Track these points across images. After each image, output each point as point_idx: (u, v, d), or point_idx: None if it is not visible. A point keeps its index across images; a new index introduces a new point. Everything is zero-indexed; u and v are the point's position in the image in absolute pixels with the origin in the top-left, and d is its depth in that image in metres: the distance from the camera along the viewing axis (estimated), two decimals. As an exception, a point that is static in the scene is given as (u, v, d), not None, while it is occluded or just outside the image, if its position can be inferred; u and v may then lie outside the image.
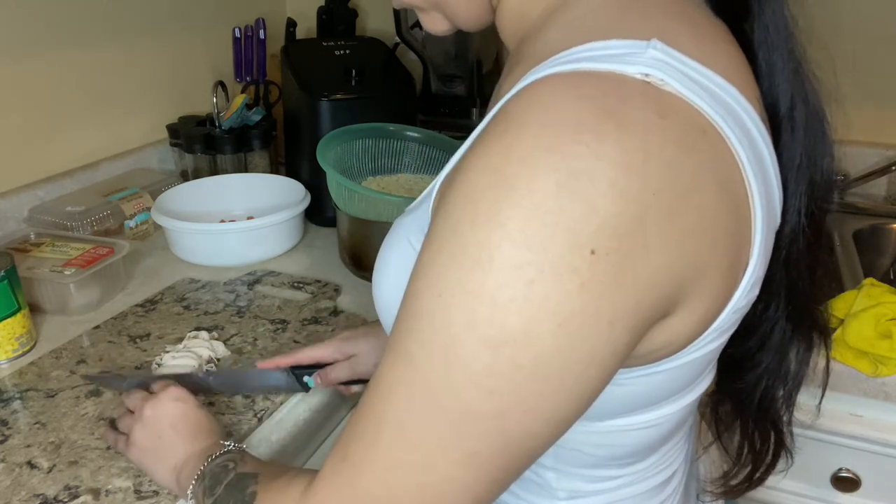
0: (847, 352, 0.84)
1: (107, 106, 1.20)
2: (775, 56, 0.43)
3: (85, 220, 1.04)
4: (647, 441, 0.48)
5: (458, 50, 1.38)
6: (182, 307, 0.92)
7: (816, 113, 0.46)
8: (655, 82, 0.33)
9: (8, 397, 0.74)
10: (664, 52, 0.34)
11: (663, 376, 0.41)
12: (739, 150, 0.35)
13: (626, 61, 0.33)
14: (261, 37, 1.30)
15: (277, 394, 0.74)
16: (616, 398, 0.42)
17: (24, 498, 0.61)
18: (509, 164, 0.31)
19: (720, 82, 0.36)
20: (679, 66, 0.34)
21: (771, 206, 0.41)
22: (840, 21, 1.23)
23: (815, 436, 0.89)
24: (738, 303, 0.39)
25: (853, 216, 1.25)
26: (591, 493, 0.50)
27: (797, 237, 0.45)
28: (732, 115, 0.36)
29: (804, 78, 0.45)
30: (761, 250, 0.39)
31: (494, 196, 0.31)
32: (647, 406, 0.45)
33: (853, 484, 0.90)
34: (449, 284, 0.33)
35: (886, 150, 1.27)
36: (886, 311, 0.83)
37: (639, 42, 0.34)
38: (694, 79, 0.34)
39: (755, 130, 0.38)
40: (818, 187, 0.46)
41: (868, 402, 0.86)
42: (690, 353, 0.40)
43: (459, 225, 0.32)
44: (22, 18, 1.03)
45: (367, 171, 1.11)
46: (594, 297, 0.31)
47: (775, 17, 0.43)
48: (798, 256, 0.46)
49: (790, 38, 0.44)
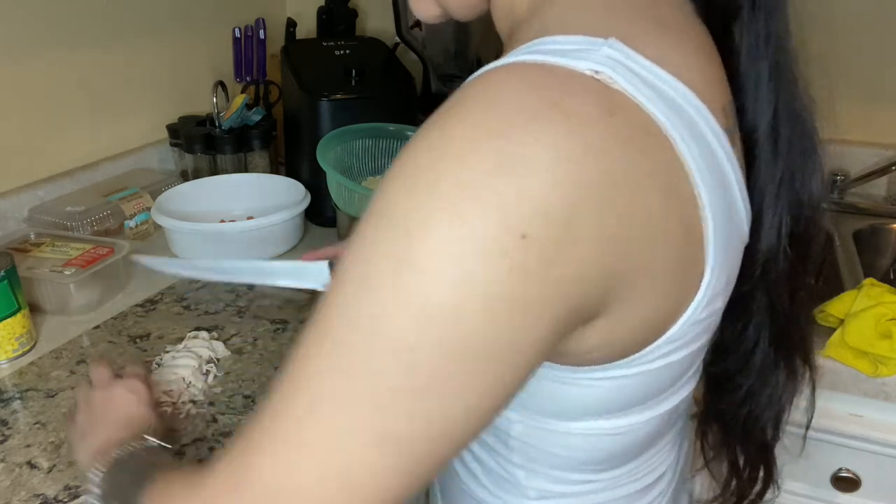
0: (847, 352, 0.84)
1: (107, 106, 1.20)
2: (760, 66, 0.42)
3: (85, 220, 1.04)
4: (620, 448, 0.47)
5: (457, 49, 1.38)
6: (182, 307, 0.92)
7: (804, 130, 0.45)
8: (605, 80, 0.33)
9: (8, 397, 0.74)
10: (619, 52, 0.34)
11: (622, 382, 0.41)
12: (688, 156, 0.35)
13: (579, 57, 0.33)
14: (261, 37, 1.30)
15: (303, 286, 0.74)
16: (575, 400, 0.42)
17: (24, 498, 0.61)
18: (451, 142, 0.31)
19: (679, 87, 0.36)
20: (633, 66, 0.34)
21: (732, 218, 0.40)
22: (840, 21, 1.23)
23: (815, 436, 0.89)
24: (696, 315, 0.39)
25: (853, 216, 1.25)
26: (562, 494, 0.50)
27: (775, 257, 0.44)
28: (685, 121, 0.35)
29: (792, 93, 0.44)
30: (720, 263, 0.38)
31: (433, 171, 0.31)
32: (611, 412, 0.44)
33: (853, 484, 0.90)
34: (377, 252, 0.32)
35: (886, 150, 1.27)
36: (886, 311, 0.83)
37: (597, 39, 0.34)
38: (647, 80, 0.34)
39: (714, 140, 0.37)
40: (805, 207, 0.45)
41: (868, 402, 0.86)
42: (648, 362, 0.40)
43: (396, 196, 0.32)
44: (22, 18, 1.03)
45: (367, 171, 1.11)
46: (522, 282, 0.31)
47: (767, 25, 0.42)
48: (777, 277, 0.45)
49: (780, 51, 0.43)
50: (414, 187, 0.31)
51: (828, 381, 0.85)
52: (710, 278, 0.38)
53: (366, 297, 0.32)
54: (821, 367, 0.85)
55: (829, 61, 0.47)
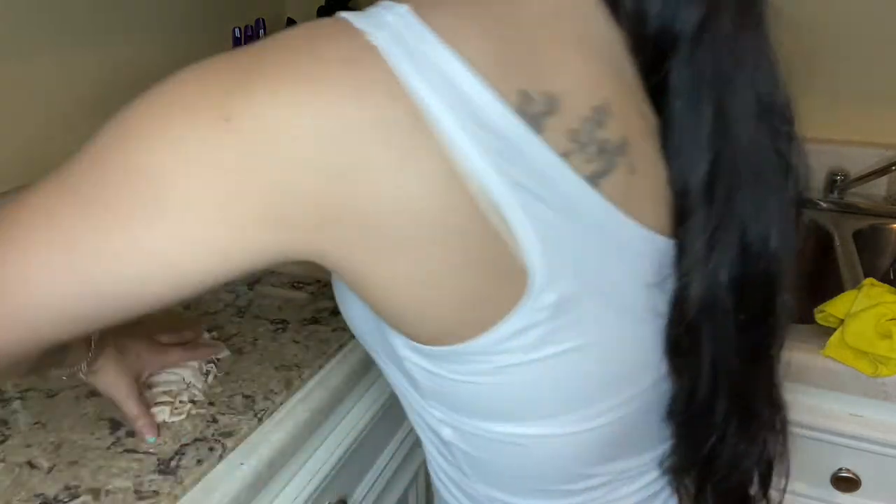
0: (847, 352, 0.84)
1: (108, 106, 1.19)
2: (700, 111, 0.39)
3: (85, 220, 1.04)
4: (527, 462, 0.48)
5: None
6: (182, 307, 0.92)
7: (758, 176, 0.41)
8: (368, 37, 0.34)
9: (8, 397, 0.74)
10: (401, 17, 0.35)
11: (487, 378, 0.42)
12: (450, 128, 0.34)
13: (369, 15, 0.36)
14: (261, 37, 1.30)
15: None
16: (459, 394, 0.44)
17: (24, 498, 0.61)
18: (213, 59, 0.37)
19: (456, 65, 0.35)
20: (406, 33, 0.35)
21: (571, 212, 0.38)
22: (839, 21, 1.23)
23: (815, 436, 0.89)
24: (531, 303, 0.38)
25: (853, 216, 1.25)
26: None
27: (711, 307, 0.42)
28: (454, 95, 0.35)
29: (740, 136, 0.40)
30: (549, 253, 0.38)
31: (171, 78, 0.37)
32: (488, 415, 0.45)
33: (853, 484, 0.90)
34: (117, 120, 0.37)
35: (886, 150, 1.27)
36: (886, 311, 0.83)
37: (394, 4, 0.36)
38: (414, 49, 0.34)
39: (506, 125, 0.36)
40: (757, 259, 0.42)
41: (868, 402, 0.86)
42: (491, 357, 0.41)
43: (152, 88, 0.38)
44: (22, 19, 1.03)
45: (367, 171, 1.11)
46: (216, 151, 0.33)
47: (714, 63, 0.39)
48: (719, 331, 0.43)
49: (727, 90, 0.40)
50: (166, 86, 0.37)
51: (828, 381, 0.85)
52: (535, 262, 0.37)
53: (88, 149, 0.37)
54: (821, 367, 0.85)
55: (829, 62, 0.47)
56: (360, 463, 0.88)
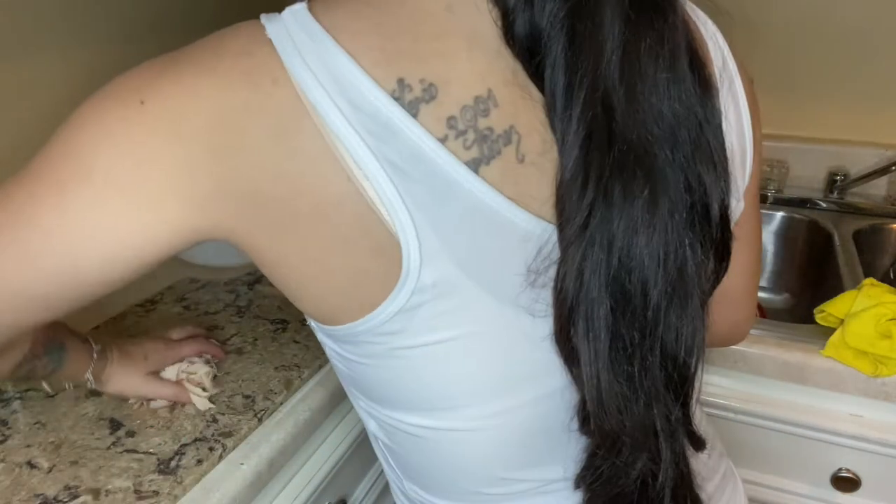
0: (847, 352, 0.84)
1: (107, 106, 1.20)
2: (572, 118, 0.39)
3: (85, 220, 1.04)
4: (440, 458, 0.50)
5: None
6: (182, 307, 0.92)
7: (629, 193, 0.39)
8: (268, 32, 0.39)
9: (8, 397, 0.74)
10: (294, 15, 0.40)
11: (374, 361, 0.46)
12: (342, 123, 0.38)
13: (273, 15, 0.41)
14: (261, 37, 1.30)
15: None
16: (355, 376, 0.49)
17: (24, 498, 0.61)
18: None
19: (342, 58, 0.38)
20: (294, 28, 0.39)
21: (449, 195, 0.39)
22: (840, 22, 1.23)
23: (815, 436, 0.89)
24: (411, 282, 0.41)
25: (853, 216, 1.25)
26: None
27: (583, 303, 0.41)
28: (339, 84, 0.38)
29: (614, 155, 0.39)
30: (432, 250, 0.40)
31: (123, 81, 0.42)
32: (396, 404, 0.48)
33: (853, 484, 0.90)
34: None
35: (886, 150, 1.27)
36: (886, 311, 0.83)
37: (297, 5, 0.40)
38: (300, 43, 0.39)
39: (386, 111, 0.38)
40: (629, 272, 0.40)
41: (868, 402, 0.86)
42: (382, 338, 0.43)
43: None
44: (22, 19, 1.03)
45: (367, 171, 1.11)
46: (129, 134, 0.39)
47: (593, 69, 0.38)
48: (593, 334, 0.41)
49: (603, 104, 0.38)
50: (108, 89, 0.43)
51: (828, 381, 0.85)
52: (409, 240, 0.40)
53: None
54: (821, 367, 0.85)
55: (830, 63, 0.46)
56: (360, 463, 0.88)
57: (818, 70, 1.28)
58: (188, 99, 0.38)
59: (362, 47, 0.39)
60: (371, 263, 0.41)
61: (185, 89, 0.39)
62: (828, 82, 1.28)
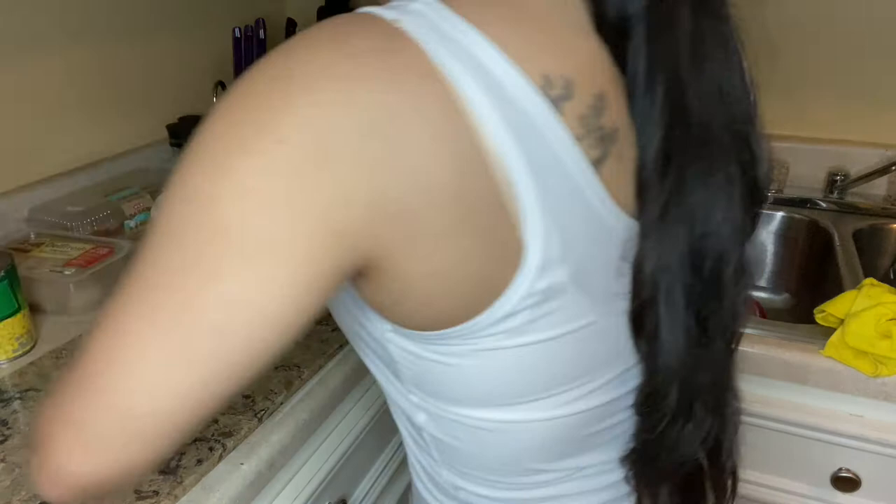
0: (847, 352, 0.84)
1: (107, 106, 1.20)
2: (653, 91, 0.40)
3: (85, 220, 1.04)
4: (493, 449, 0.49)
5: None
6: (182, 307, 0.92)
7: (707, 162, 0.41)
8: (401, 26, 0.35)
9: (8, 397, 0.74)
10: (429, 6, 0.36)
11: (474, 360, 0.43)
12: (484, 112, 0.35)
13: (393, 8, 0.36)
14: (261, 37, 1.30)
15: None
16: (447, 380, 0.45)
17: (24, 498, 0.61)
18: (252, 69, 0.35)
19: (488, 48, 0.36)
20: (437, 19, 0.36)
21: (571, 192, 0.39)
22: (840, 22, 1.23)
23: (815, 436, 0.89)
24: (529, 287, 0.39)
25: (853, 216, 1.25)
26: (495, 499, 0.52)
27: (662, 284, 0.42)
28: (487, 79, 0.35)
29: (688, 122, 0.41)
30: (550, 232, 0.38)
31: (225, 97, 0.35)
32: (488, 401, 0.46)
33: (853, 484, 0.90)
34: (189, 189, 0.34)
35: (886, 150, 1.27)
36: (886, 311, 0.83)
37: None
38: (448, 34, 0.35)
39: (531, 108, 0.37)
40: (705, 239, 0.42)
41: (868, 402, 0.86)
42: (488, 337, 0.41)
43: (200, 133, 0.35)
44: (22, 18, 1.03)
45: (367, 171, 1.11)
46: (277, 180, 0.33)
47: (663, 50, 0.40)
48: (671, 311, 0.43)
49: (673, 78, 0.40)
50: (208, 128, 0.35)
51: (828, 381, 0.85)
52: (535, 247, 0.38)
53: (164, 211, 0.35)
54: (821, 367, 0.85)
55: (830, 63, 0.47)
56: (360, 463, 0.88)
57: (818, 70, 1.28)
58: (329, 114, 0.33)
59: (504, 38, 0.36)
60: (493, 269, 0.38)
61: (326, 108, 0.33)
62: (828, 82, 1.28)
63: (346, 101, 0.33)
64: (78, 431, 0.34)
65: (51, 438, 0.35)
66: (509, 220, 0.37)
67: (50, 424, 0.35)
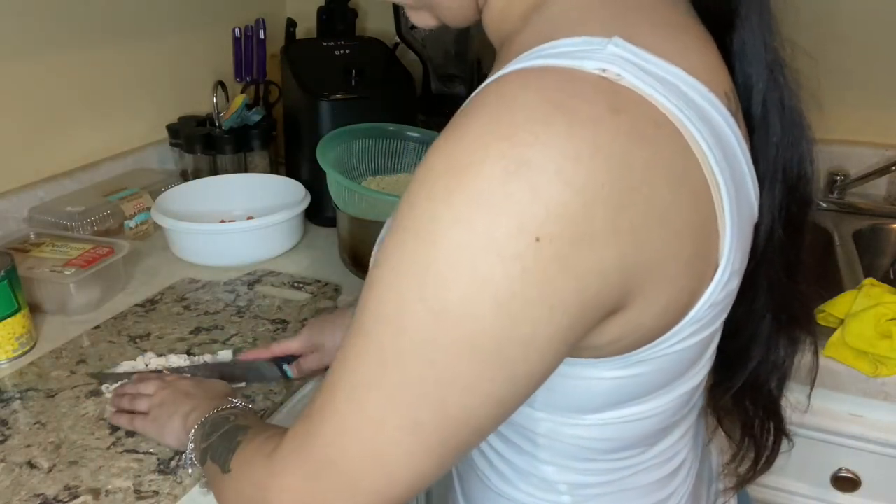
0: (847, 352, 0.84)
1: (107, 106, 1.20)
2: (755, 69, 0.44)
3: (85, 220, 1.04)
4: (644, 432, 0.48)
5: (458, 50, 1.38)
6: (182, 307, 0.92)
7: (794, 119, 0.47)
8: (612, 77, 0.34)
9: (8, 397, 0.74)
10: (623, 49, 0.35)
11: (647, 367, 0.42)
12: (701, 142, 0.36)
13: (584, 57, 0.35)
14: (261, 37, 1.30)
15: (261, 382, 0.76)
16: (603, 392, 0.43)
17: (24, 498, 0.61)
18: (461, 150, 0.33)
19: (683, 77, 0.37)
20: (638, 61, 0.35)
21: (744, 199, 0.42)
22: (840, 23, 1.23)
23: (815, 436, 0.89)
24: (714, 296, 0.40)
25: (853, 216, 1.25)
26: (589, 485, 0.51)
27: (771, 235, 0.47)
28: (695, 109, 0.37)
29: (783, 90, 0.46)
30: (735, 243, 0.40)
31: (446, 179, 0.33)
32: (637, 398, 0.45)
33: (853, 484, 0.90)
34: (402, 258, 0.35)
35: (886, 150, 1.27)
36: (886, 311, 0.83)
37: (600, 39, 0.35)
38: (653, 73, 0.35)
39: (724, 124, 0.39)
40: (795, 189, 0.47)
41: (868, 402, 0.86)
42: (669, 346, 0.41)
43: (415, 204, 0.35)
44: (22, 18, 1.03)
45: (367, 171, 1.11)
46: (536, 282, 0.33)
47: (753, 32, 0.44)
48: (774, 252, 0.47)
49: (769, 50, 0.45)
50: (430, 198, 0.34)
51: (828, 381, 0.85)
52: (729, 258, 0.40)
53: (393, 298, 0.35)
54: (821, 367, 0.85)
55: (830, 63, 0.49)
56: (360, 463, 0.88)
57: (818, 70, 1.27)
58: (589, 201, 0.32)
59: (692, 66, 0.37)
60: (695, 287, 0.39)
61: (578, 192, 0.32)
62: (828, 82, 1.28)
63: (590, 180, 0.32)
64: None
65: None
66: (716, 243, 0.39)
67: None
